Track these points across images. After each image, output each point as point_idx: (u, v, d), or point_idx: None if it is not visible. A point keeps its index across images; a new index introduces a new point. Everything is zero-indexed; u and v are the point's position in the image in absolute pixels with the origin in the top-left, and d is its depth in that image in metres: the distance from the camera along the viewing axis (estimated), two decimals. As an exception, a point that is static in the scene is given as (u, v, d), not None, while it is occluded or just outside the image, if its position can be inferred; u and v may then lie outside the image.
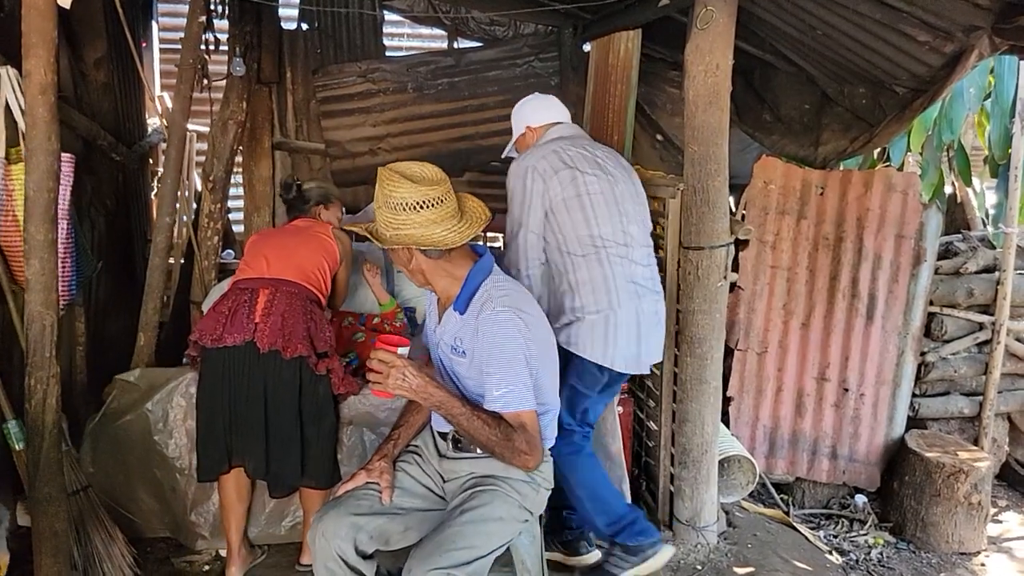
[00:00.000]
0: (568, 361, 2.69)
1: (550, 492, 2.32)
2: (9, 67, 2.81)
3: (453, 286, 2.16)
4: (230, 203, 4.37)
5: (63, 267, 2.90)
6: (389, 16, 4.83)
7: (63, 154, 2.53)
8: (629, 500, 3.13)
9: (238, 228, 5.25)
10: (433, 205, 2.06)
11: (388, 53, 4.84)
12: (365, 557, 2.15)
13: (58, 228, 2.44)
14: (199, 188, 4.66)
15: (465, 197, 2.22)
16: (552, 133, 2.82)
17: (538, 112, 2.91)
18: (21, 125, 2.83)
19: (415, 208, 2.05)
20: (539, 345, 2.12)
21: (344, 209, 4.65)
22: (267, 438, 2.75)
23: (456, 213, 2.13)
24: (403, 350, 2.06)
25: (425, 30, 5.31)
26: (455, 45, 4.95)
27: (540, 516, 2.41)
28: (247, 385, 2.71)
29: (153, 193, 4.93)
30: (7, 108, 2.83)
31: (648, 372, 2.95)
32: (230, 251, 4.97)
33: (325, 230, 3.09)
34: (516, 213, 2.69)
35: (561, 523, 2.98)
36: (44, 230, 2.35)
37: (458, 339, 2.16)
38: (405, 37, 5.54)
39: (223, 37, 4.01)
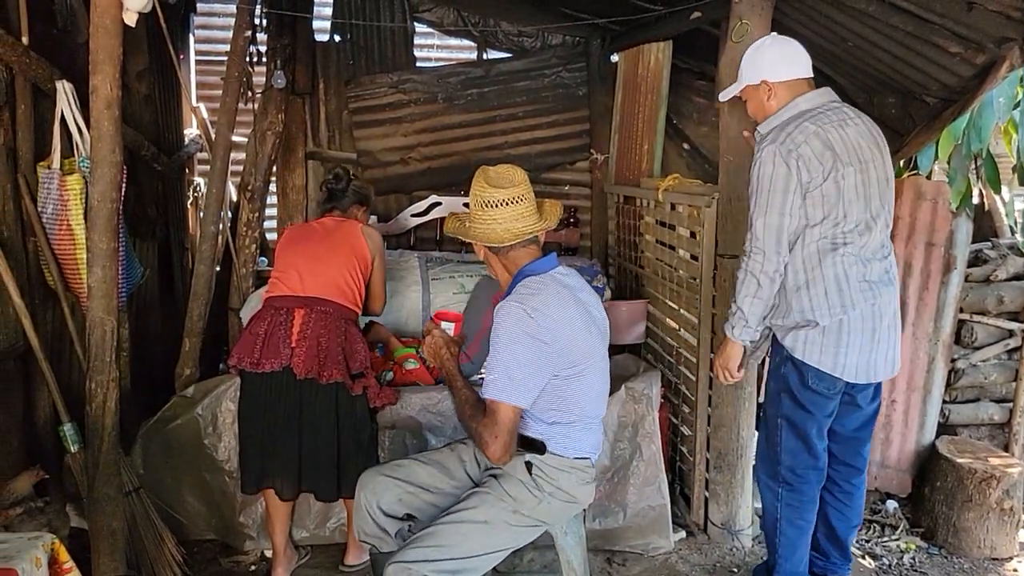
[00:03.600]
0: (786, 384, 2.57)
1: (574, 507, 2.34)
2: (65, 81, 2.90)
3: (508, 280, 2.29)
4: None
5: (115, 274, 2.99)
6: (420, 28, 4.91)
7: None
8: (668, 501, 3.19)
9: (271, 236, 5.34)
10: (499, 205, 2.21)
11: (419, 64, 4.92)
12: (389, 515, 2.34)
13: (118, 237, 2.53)
14: (234, 197, 4.75)
15: (543, 202, 2.35)
16: (801, 103, 2.51)
17: (780, 65, 2.54)
18: (76, 137, 2.93)
19: (484, 206, 2.23)
20: (554, 350, 2.13)
21: (376, 217, 4.80)
22: (300, 459, 2.81)
23: (522, 216, 2.24)
24: (446, 325, 2.37)
25: (455, 41, 5.39)
26: (484, 56, 5.02)
27: (584, 517, 2.48)
28: (283, 409, 2.78)
29: (189, 202, 5.04)
30: (62, 120, 2.92)
31: (881, 381, 2.64)
32: (263, 258, 5.06)
33: (355, 229, 3.05)
34: (776, 203, 2.43)
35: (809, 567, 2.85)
36: (107, 239, 2.44)
37: None
38: (435, 48, 5.62)
39: (262, 50, 4.09)
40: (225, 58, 3.64)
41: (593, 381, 2.28)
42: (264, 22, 4.07)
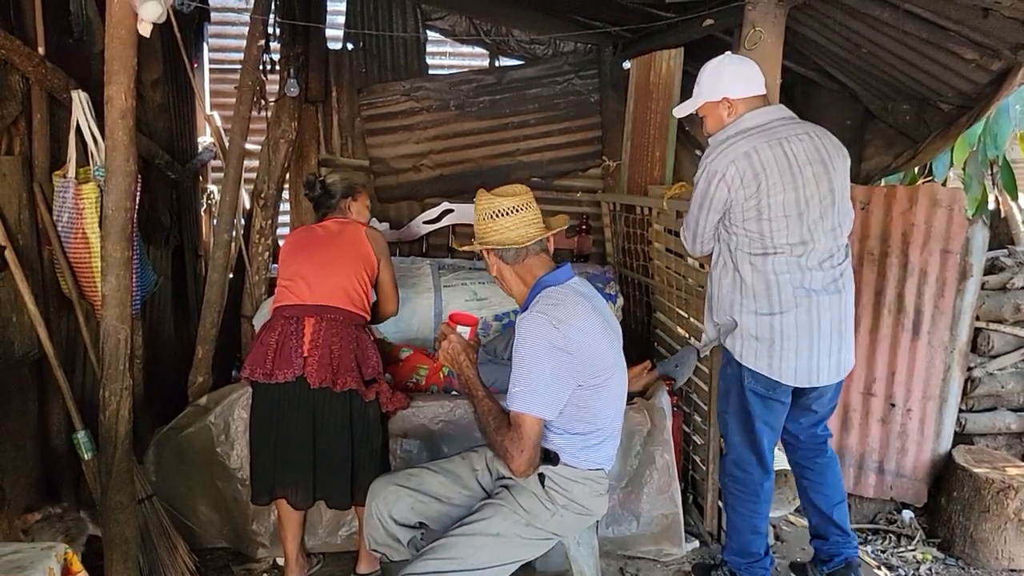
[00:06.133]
0: (735, 386, 2.72)
1: (588, 518, 2.33)
2: (80, 91, 2.92)
3: (524, 293, 2.28)
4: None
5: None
6: (432, 36, 4.92)
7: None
8: (680, 509, 3.17)
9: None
10: (508, 213, 2.23)
11: (431, 72, 4.93)
12: (401, 524, 2.32)
13: (132, 246, 2.55)
14: (247, 204, 4.77)
15: (550, 218, 2.36)
16: (748, 120, 2.60)
17: (739, 82, 2.64)
18: (91, 146, 2.95)
19: (494, 216, 2.24)
20: (578, 360, 2.13)
21: (388, 224, 4.81)
22: (315, 468, 2.80)
23: (532, 223, 2.26)
24: (461, 328, 2.35)
25: (467, 49, 5.40)
26: (496, 63, 5.03)
27: (596, 527, 2.46)
28: (297, 419, 2.77)
29: (203, 209, 5.06)
30: (78, 129, 2.94)
31: (826, 384, 2.71)
32: (276, 265, 5.06)
33: (359, 233, 3.02)
34: (694, 210, 2.69)
35: (816, 555, 3.01)
36: (121, 248, 2.45)
37: None
38: (447, 56, 5.63)
39: (276, 58, 4.10)
40: (239, 67, 3.66)
41: (616, 391, 2.28)
42: (277, 31, 4.09)
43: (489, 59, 5.05)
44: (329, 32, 4.76)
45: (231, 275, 4.31)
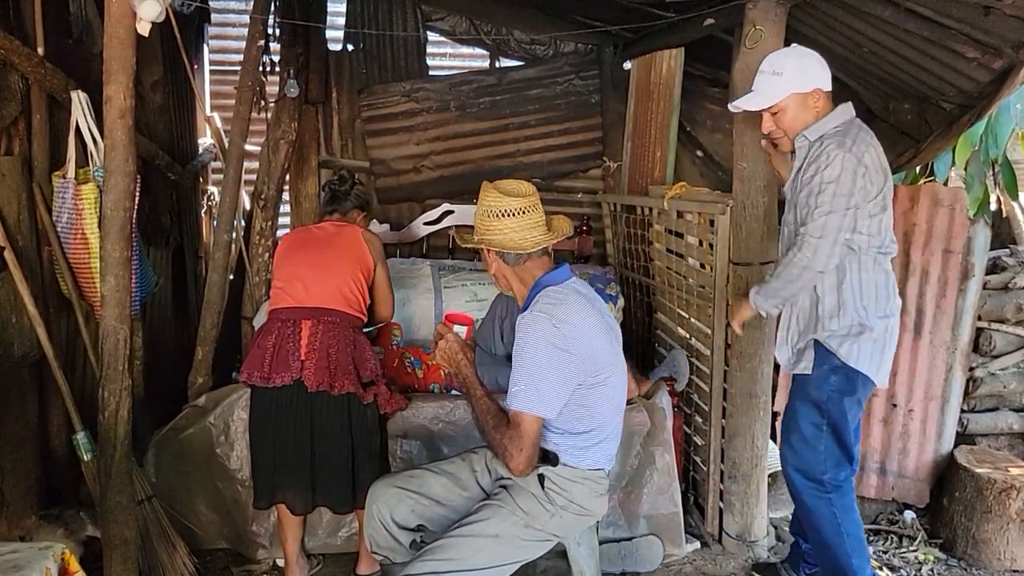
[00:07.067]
0: (832, 393, 2.59)
1: (588, 519, 2.33)
2: (80, 91, 2.92)
3: (524, 293, 2.28)
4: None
5: (129, 283, 3.00)
6: (432, 37, 4.91)
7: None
8: (680, 509, 3.16)
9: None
10: (515, 215, 2.22)
11: (431, 73, 4.92)
12: (402, 527, 2.31)
13: (131, 246, 2.54)
14: (247, 206, 4.77)
15: (553, 217, 2.35)
16: (843, 112, 2.59)
17: (825, 74, 2.60)
18: (91, 147, 2.94)
19: (499, 216, 2.23)
20: (578, 359, 2.13)
21: (388, 225, 4.81)
22: (313, 472, 2.79)
23: (537, 226, 2.25)
24: (458, 328, 2.36)
25: (467, 50, 5.40)
26: (496, 64, 5.02)
27: (596, 527, 2.46)
28: (294, 422, 2.75)
29: (203, 211, 5.06)
30: (77, 130, 2.94)
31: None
32: (276, 266, 5.06)
33: (356, 235, 3.01)
34: (840, 211, 2.43)
35: (801, 554, 2.99)
36: (120, 248, 2.45)
37: None
38: (448, 57, 5.62)
39: (276, 59, 4.10)
40: (239, 68, 3.66)
41: (616, 388, 2.28)
42: (277, 31, 4.08)
43: (489, 60, 5.04)
44: (329, 33, 4.74)
45: (231, 276, 4.31)
